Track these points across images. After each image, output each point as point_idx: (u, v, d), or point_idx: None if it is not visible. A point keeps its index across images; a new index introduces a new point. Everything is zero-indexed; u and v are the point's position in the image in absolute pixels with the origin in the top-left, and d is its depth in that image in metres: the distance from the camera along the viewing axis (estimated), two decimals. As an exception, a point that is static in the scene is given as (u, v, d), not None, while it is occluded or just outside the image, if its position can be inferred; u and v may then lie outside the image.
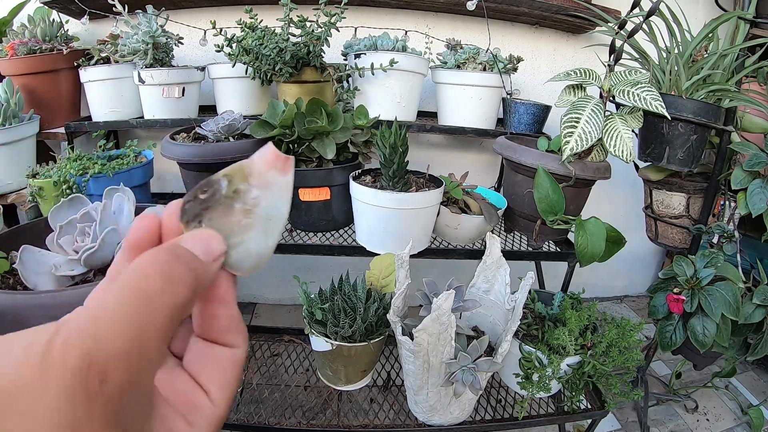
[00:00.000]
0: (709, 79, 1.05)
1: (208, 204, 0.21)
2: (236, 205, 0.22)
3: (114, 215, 0.68)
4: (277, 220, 0.23)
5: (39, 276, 0.62)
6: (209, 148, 0.99)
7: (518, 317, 0.83)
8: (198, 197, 0.21)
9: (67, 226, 0.65)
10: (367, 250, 1.00)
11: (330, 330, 0.90)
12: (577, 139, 0.93)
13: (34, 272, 0.62)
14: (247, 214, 0.22)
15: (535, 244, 1.11)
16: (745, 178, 1.05)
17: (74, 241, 0.65)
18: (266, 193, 0.22)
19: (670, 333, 1.07)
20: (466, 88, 1.26)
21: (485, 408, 1.04)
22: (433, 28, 1.50)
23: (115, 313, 0.15)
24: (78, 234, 0.65)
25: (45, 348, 0.14)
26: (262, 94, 1.30)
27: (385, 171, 0.92)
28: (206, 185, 0.21)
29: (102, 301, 0.16)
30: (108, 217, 0.67)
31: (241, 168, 0.22)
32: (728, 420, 1.39)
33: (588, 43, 1.50)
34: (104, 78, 1.22)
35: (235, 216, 0.22)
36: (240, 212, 0.22)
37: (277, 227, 0.23)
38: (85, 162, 1.04)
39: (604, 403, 1.02)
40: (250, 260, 0.22)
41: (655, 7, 0.90)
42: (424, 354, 0.79)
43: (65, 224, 0.65)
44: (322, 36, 1.11)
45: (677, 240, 1.26)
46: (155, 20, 1.18)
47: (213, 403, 0.21)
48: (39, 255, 0.63)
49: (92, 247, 0.61)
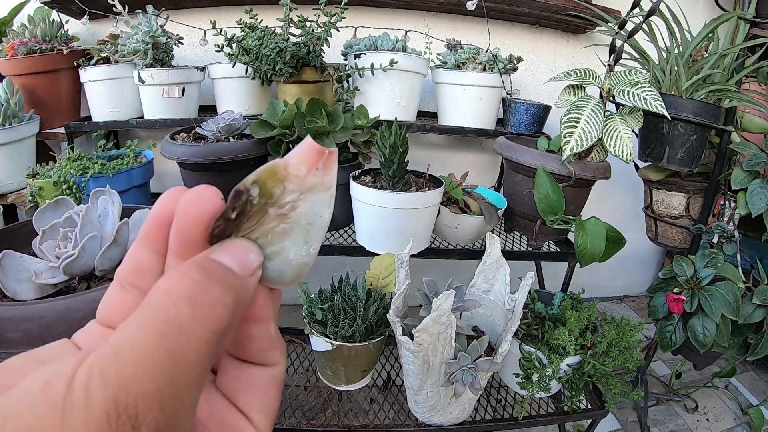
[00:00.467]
0: (709, 79, 1.05)
1: (239, 220, 0.18)
2: (270, 209, 0.19)
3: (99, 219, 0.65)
4: (319, 226, 0.20)
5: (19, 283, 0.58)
6: (209, 148, 0.99)
7: (518, 317, 0.83)
8: (229, 218, 0.18)
9: (50, 231, 0.62)
10: (367, 250, 1.00)
11: (330, 330, 0.90)
12: (577, 139, 0.93)
13: (15, 279, 0.58)
14: (283, 219, 0.19)
15: (535, 244, 1.11)
16: (745, 178, 1.05)
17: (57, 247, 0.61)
18: (306, 195, 0.19)
19: (670, 333, 1.07)
20: (466, 88, 1.26)
21: (485, 408, 1.04)
22: (433, 28, 1.50)
23: (141, 352, 0.13)
24: (61, 239, 0.62)
25: (67, 389, 0.13)
26: (262, 94, 1.30)
27: (385, 171, 0.92)
28: (235, 199, 0.18)
29: (125, 336, 0.14)
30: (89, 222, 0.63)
31: (274, 169, 0.18)
32: (728, 420, 1.39)
33: (588, 43, 1.50)
34: (104, 78, 1.22)
35: (270, 222, 0.19)
36: (275, 217, 0.19)
37: (319, 233, 0.20)
38: (85, 162, 1.04)
39: (604, 403, 1.02)
40: (289, 271, 0.19)
41: (655, 7, 0.90)
42: (424, 354, 0.79)
43: (48, 228, 0.61)
44: (322, 36, 1.11)
45: (677, 240, 1.26)
46: (155, 20, 1.18)
47: (257, 429, 0.19)
48: (21, 261, 0.60)
49: (72, 255, 0.57)
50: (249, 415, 0.19)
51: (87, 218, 0.62)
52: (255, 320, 0.19)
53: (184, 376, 0.14)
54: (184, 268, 0.16)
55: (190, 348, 0.14)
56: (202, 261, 0.16)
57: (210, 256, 0.17)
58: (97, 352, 0.14)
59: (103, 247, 0.59)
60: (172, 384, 0.13)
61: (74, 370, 0.13)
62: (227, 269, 0.16)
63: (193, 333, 0.14)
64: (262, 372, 0.20)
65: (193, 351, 0.14)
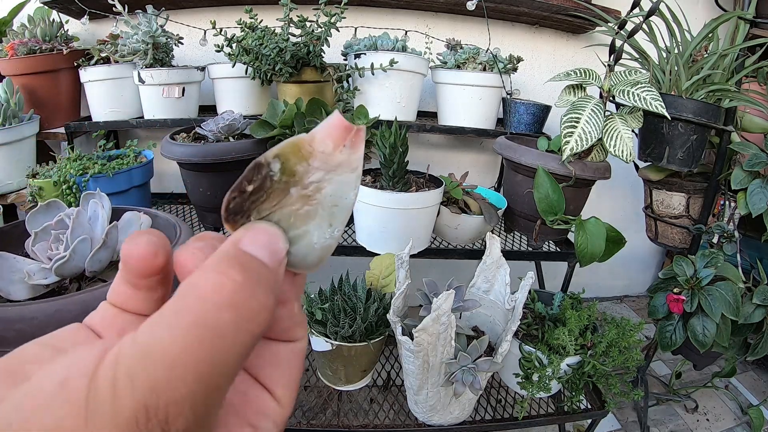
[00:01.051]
0: (709, 79, 1.05)
1: (257, 195, 0.17)
2: (293, 190, 0.18)
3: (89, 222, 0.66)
4: (345, 207, 0.18)
5: (12, 284, 0.59)
6: (209, 148, 0.99)
7: (518, 317, 0.83)
8: (245, 190, 0.17)
9: (42, 233, 0.62)
10: (367, 250, 1.00)
11: (330, 330, 0.90)
12: (577, 139, 0.93)
13: (8, 280, 0.58)
14: (307, 200, 0.18)
15: (535, 244, 1.11)
16: (745, 178, 1.05)
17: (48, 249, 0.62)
18: (332, 175, 0.18)
19: (670, 333, 1.07)
20: (466, 88, 1.26)
21: (485, 408, 1.04)
22: (433, 28, 1.50)
23: (176, 357, 0.12)
24: (53, 241, 0.62)
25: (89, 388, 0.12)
26: (262, 94, 1.30)
27: (385, 171, 0.92)
28: (254, 171, 0.17)
29: (156, 337, 0.13)
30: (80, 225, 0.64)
31: (298, 145, 0.17)
32: (728, 420, 1.39)
33: (588, 43, 1.50)
34: (104, 78, 1.22)
35: (292, 204, 0.18)
36: (298, 198, 0.18)
37: (344, 214, 0.19)
38: (85, 162, 1.04)
39: (604, 403, 1.02)
40: (312, 255, 0.18)
41: (655, 7, 0.90)
42: (424, 354, 0.79)
43: (40, 230, 0.62)
44: (322, 36, 1.11)
45: (677, 240, 1.26)
46: (155, 20, 1.18)
47: (279, 404, 0.19)
48: (14, 261, 0.60)
49: (63, 257, 0.58)
50: (271, 390, 0.19)
51: (77, 221, 0.63)
52: (280, 303, 0.18)
53: (219, 380, 0.13)
54: (220, 265, 0.15)
55: (229, 354, 0.13)
56: (237, 255, 0.15)
57: (241, 247, 0.16)
58: (121, 349, 0.13)
59: (93, 250, 0.60)
60: (205, 389, 0.13)
61: (95, 365, 0.13)
62: (263, 265, 0.16)
63: (234, 339, 0.13)
64: (285, 348, 0.19)
65: (232, 357, 0.13)
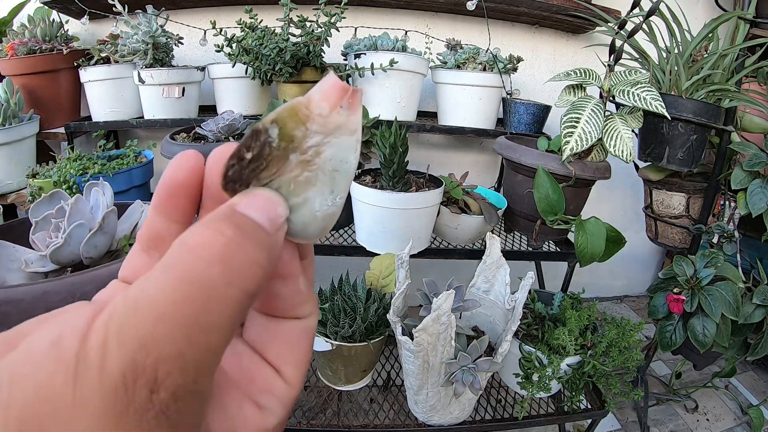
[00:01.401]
0: (709, 79, 1.05)
1: (256, 163, 0.17)
2: (292, 156, 0.17)
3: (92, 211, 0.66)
4: (346, 172, 0.18)
5: (10, 272, 0.59)
6: (209, 148, 0.98)
7: (518, 317, 0.83)
8: (243, 158, 0.16)
9: (42, 222, 0.63)
10: (367, 250, 1.00)
11: (330, 330, 0.90)
12: (577, 139, 0.93)
13: (6, 269, 0.59)
14: (306, 166, 0.17)
15: (535, 244, 1.11)
16: (745, 178, 1.05)
17: (47, 237, 0.62)
18: (330, 138, 0.17)
19: (670, 333, 1.07)
20: (466, 88, 1.26)
21: (485, 408, 1.04)
22: (433, 28, 1.50)
23: (163, 311, 0.12)
24: (53, 229, 0.62)
25: (80, 345, 0.12)
26: (262, 94, 1.30)
27: (385, 171, 0.92)
28: (252, 138, 0.17)
29: (144, 290, 0.12)
30: (78, 212, 0.64)
31: (295, 109, 0.17)
32: (728, 420, 1.39)
33: (588, 43, 1.50)
34: (104, 78, 1.22)
35: (292, 170, 0.17)
36: (298, 165, 0.17)
37: (345, 180, 0.18)
38: (85, 162, 1.04)
39: (604, 403, 1.02)
40: (314, 224, 0.18)
41: (655, 7, 0.90)
42: (424, 354, 0.79)
43: (41, 220, 0.63)
44: (322, 36, 1.11)
45: (677, 240, 1.26)
46: (155, 20, 1.18)
47: (288, 383, 0.18)
48: (13, 251, 0.61)
49: (58, 243, 0.58)
50: (279, 369, 0.18)
51: (75, 208, 0.63)
52: (281, 277, 0.17)
53: (210, 340, 0.13)
54: (212, 222, 0.14)
55: (219, 311, 0.13)
56: (231, 214, 0.15)
57: (237, 209, 0.15)
58: (114, 304, 0.12)
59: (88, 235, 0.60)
60: (196, 348, 0.12)
61: (88, 323, 0.12)
62: (258, 225, 0.15)
63: (224, 295, 0.13)
64: (293, 325, 0.18)
65: (223, 314, 0.13)
